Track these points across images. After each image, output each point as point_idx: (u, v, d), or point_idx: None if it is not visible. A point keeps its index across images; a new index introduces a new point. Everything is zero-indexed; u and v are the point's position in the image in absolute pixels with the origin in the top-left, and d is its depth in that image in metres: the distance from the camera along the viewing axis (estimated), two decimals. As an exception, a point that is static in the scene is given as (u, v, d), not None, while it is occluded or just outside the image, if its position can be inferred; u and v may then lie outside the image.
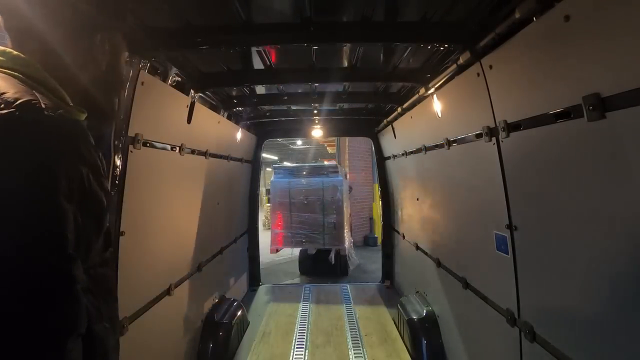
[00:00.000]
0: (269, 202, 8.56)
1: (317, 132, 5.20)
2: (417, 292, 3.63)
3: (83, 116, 0.92)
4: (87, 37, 0.98)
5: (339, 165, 7.18)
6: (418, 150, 3.32)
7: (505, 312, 1.89)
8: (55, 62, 0.90)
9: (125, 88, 1.81)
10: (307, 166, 7.26)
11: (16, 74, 0.82)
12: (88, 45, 0.98)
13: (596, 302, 1.28)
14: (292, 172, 6.84)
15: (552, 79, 1.38)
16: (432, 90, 2.58)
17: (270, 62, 2.57)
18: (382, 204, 5.24)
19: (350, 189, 7.98)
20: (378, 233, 8.85)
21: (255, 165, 5.14)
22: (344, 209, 6.47)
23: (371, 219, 9.86)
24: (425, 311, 3.19)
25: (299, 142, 14.10)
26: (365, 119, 4.69)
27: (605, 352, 1.24)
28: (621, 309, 1.17)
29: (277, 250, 6.65)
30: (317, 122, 4.78)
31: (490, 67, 1.78)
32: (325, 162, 8.48)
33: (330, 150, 14.85)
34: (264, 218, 11.48)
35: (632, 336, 1.13)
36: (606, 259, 1.21)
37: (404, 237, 4.30)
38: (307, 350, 3.26)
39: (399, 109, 3.47)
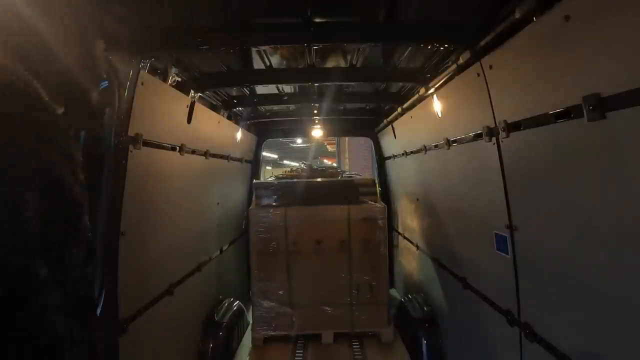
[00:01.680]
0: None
1: (317, 132, 5.20)
2: (417, 292, 3.63)
3: (59, 109, 0.87)
4: (54, 20, 0.90)
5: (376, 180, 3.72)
6: (418, 150, 3.32)
7: (505, 312, 1.89)
8: (21, 49, 0.79)
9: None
10: (318, 183, 3.74)
11: None
12: (56, 28, 0.90)
13: (596, 302, 1.28)
14: (290, 194, 3.49)
15: (552, 79, 1.38)
16: (432, 90, 2.58)
17: (270, 62, 2.57)
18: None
19: None
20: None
21: (255, 165, 5.14)
22: (386, 257, 3.44)
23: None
24: (425, 311, 3.19)
25: (299, 140, 14.09)
26: (365, 119, 4.69)
27: (605, 352, 1.24)
28: (621, 308, 1.17)
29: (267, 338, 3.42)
30: (317, 122, 4.78)
31: (490, 67, 1.77)
32: (354, 174, 4.99)
33: (330, 148, 14.86)
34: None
35: (632, 336, 1.13)
36: (606, 258, 1.21)
37: (404, 237, 4.30)
38: (307, 350, 3.26)
39: (399, 109, 3.48)
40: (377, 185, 3.49)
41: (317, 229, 3.35)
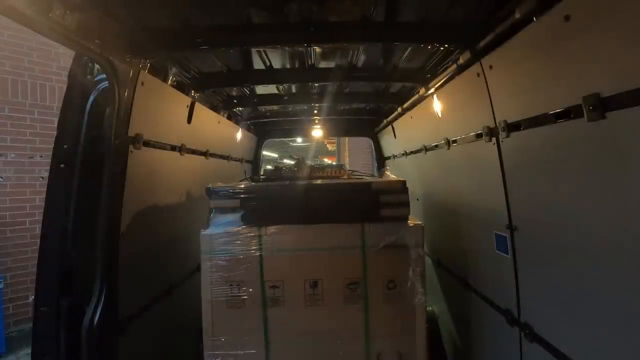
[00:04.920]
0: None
1: (317, 132, 5.21)
2: None
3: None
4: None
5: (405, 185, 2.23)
6: (418, 150, 3.32)
7: (505, 312, 1.90)
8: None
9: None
10: (316, 188, 2.31)
11: None
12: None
13: (596, 301, 1.28)
14: (270, 206, 2.13)
15: (552, 79, 1.38)
16: (432, 90, 2.58)
17: (270, 62, 2.57)
18: None
19: None
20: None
21: (255, 165, 5.14)
22: (424, 308, 2.13)
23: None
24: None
25: (299, 139, 14.07)
26: (365, 119, 4.68)
27: (605, 352, 1.25)
28: (621, 308, 1.17)
29: None
30: (317, 122, 4.78)
31: (490, 67, 1.78)
32: (367, 174, 3.46)
33: (330, 147, 14.86)
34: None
35: (632, 336, 1.13)
36: (606, 258, 1.21)
37: None
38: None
39: (399, 109, 3.47)
40: (408, 191, 2.19)
41: (313, 263, 2.09)
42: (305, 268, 2.09)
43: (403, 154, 3.91)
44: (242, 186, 2.21)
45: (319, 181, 2.44)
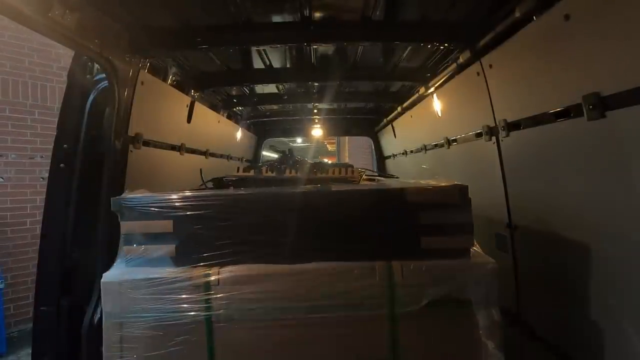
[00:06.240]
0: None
1: (317, 132, 5.21)
2: None
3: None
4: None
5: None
6: (418, 150, 3.31)
7: (505, 312, 1.89)
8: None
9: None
10: (310, 200, 1.28)
11: None
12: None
13: (596, 301, 1.28)
14: (232, 228, 1.18)
15: (552, 78, 1.38)
16: (432, 89, 2.57)
17: (270, 62, 2.57)
18: None
19: None
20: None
21: (255, 164, 5.14)
22: None
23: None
24: None
25: (299, 140, 14.03)
26: (365, 118, 4.68)
27: (605, 351, 1.24)
28: (621, 308, 1.17)
29: None
30: (317, 121, 4.78)
31: (490, 66, 1.77)
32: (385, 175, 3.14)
33: (330, 147, 14.84)
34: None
35: (632, 335, 1.13)
36: (606, 258, 1.21)
37: None
38: None
39: (399, 108, 3.47)
40: (471, 204, 1.46)
41: (301, 335, 1.21)
42: (288, 345, 1.20)
43: (403, 153, 3.91)
44: (179, 196, 1.27)
45: (314, 188, 1.49)
